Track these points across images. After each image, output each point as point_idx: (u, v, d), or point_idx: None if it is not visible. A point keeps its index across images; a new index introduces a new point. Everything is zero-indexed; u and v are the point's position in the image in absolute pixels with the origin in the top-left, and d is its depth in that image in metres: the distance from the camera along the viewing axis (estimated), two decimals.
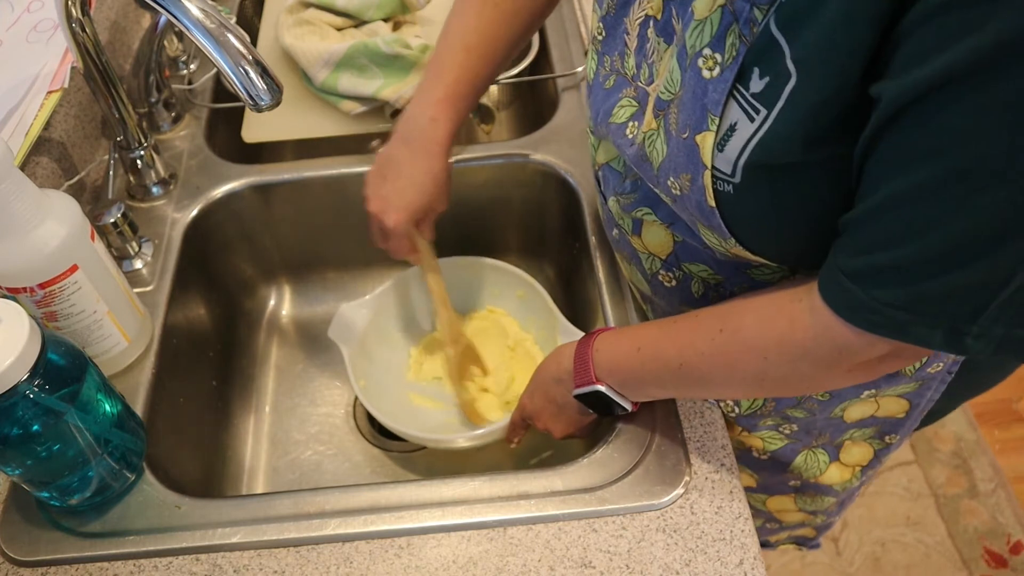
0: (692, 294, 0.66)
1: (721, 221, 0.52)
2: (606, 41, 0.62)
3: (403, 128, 0.76)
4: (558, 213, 0.93)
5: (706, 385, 0.60)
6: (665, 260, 0.65)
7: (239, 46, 0.60)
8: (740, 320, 0.55)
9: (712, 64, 0.47)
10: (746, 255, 0.55)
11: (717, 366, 0.56)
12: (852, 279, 0.45)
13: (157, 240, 0.84)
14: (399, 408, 0.86)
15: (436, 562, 0.61)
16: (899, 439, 0.79)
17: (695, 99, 0.49)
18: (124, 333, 0.72)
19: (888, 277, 0.44)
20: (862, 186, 0.44)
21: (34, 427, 0.56)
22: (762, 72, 0.45)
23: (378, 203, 0.77)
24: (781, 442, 0.79)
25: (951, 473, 1.63)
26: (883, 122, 0.41)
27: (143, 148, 0.85)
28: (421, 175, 0.76)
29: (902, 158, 0.41)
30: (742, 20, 0.45)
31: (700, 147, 0.49)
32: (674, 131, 0.52)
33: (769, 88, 0.45)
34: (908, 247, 0.42)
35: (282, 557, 0.62)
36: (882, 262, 0.44)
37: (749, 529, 0.62)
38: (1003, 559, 1.52)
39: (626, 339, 0.64)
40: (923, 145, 0.40)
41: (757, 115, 0.46)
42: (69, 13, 0.71)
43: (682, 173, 0.52)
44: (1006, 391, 1.75)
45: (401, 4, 1.00)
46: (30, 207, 0.61)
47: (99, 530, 0.64)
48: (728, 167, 0.48)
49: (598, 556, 0.61)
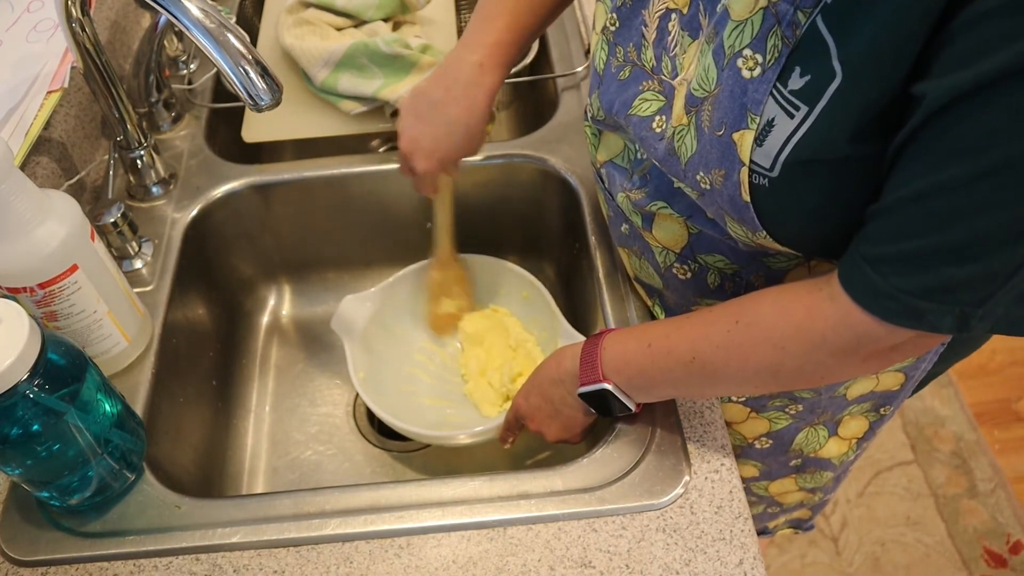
0: (708, 285, 0.66)
1: (754, 215, 0.52)
2: (619, 32, 0.62)
3: (446, 69, 0.75)
4: (558, 213, 0.93)
5: (718, 380, 0.59)
6: (680, 253, 0.66)
7: (239, 46, 0.60)
8: (756, 311, 0.55)
9: (753, 64, 0.48)
10: (773, 246, 0.56)
11: (732, 358, 0.56)
12: (874, 267, 0.47)
13: (157, 240, 0.84)
14: (398, 403, 0.86)
15: (436, 562, 0.61)
16: (892, 409, 0.81)
17: (733, 98, 0.50)
18: (124, 333, 0.72)
19: (909, 266, 0.45)
20: (893, 178, 0.46)
21: (34, 427, 0.56)
22: (803, 71, 0.46)
23: (408, 144, 0.76)
24: (786, 421, 0.80)
25: (951, 473, 1.63)
26: (924, 119, 0.42)
27: (143, 148, 0.85)
28: (457, 123, 0.74)
29: (937, 154, 0.42)
30: (785, 22, 0.46)
31: (738, 144, 0.50)
32: (707, 128, 0.53)
33: (809, 86, 0.45)
34: (931, 238, 0.44)
35: (282, 557, 0.62)
36: (904, 251, 0.45)
37: (749, 529, 0.62)
38: (1003, 559, 1.52)
39: (635, 336, 0.63)
40: (959, 143, 0.41)
41: (797, 112, 0.46)
42: (69, 13, 0.71)
43: (714, 168, 0.53)
44: (1006, 391, 1.75)
45: (401, 4, 1.00)
46: (30, 207, 0.61)
47: (99, 530, 0.64)
48: (767, 161, 0.49)
49: (598, 556, 0.61)
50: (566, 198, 0.91)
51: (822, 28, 0.44)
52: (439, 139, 0.75)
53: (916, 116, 0.42)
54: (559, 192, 0.91)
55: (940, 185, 0.43)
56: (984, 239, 0.43)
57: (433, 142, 0.75)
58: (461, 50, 0.74)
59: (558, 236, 0.95)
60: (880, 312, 0.48)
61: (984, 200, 0.42)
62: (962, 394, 1.73)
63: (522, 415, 0.73)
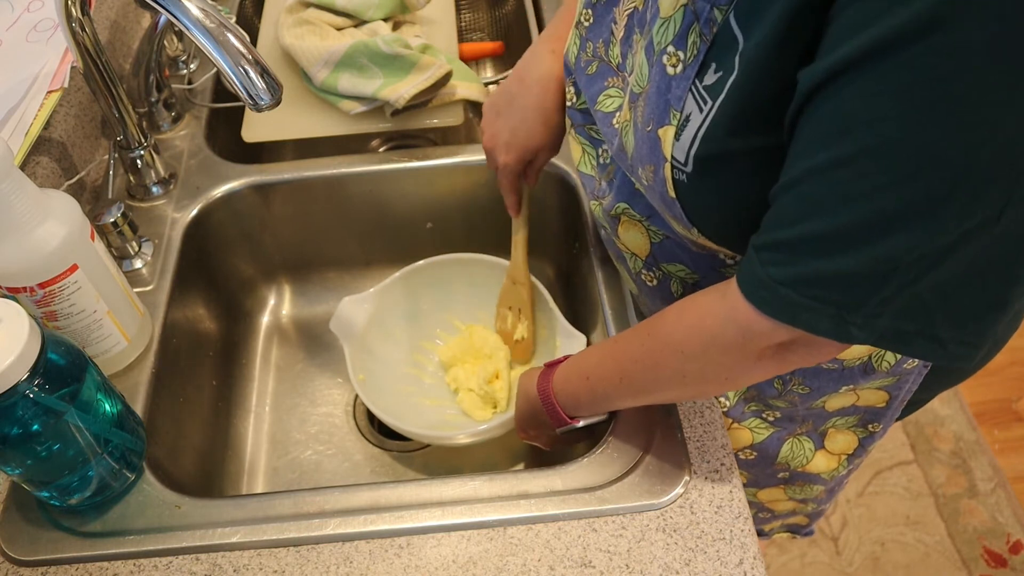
0: (672, 294, 0.67)
1: (682, 211, 0.53)
2: (592, 28, 0.63)
3: (523, 63, 0.75)
4: (558, 213, 0.93)
5: (641, 391, 0.61)
6: (645, 260, 0.67)
7: (239, 46, 0.60)
8: (662, 320, 0.57)
9: (675, 61, 0.49)
10: (712, 246, 0.56)
11: (647, 369, 0.58)
12: (757, 254, 0.46)
13: (157, 240, 0.84)
14: (398, 404, 0.86)
15: (436, 562, 0.61)
16: (882, 428, 0.80)
17: (659, 94, 0.51)
18: (124, 333, 0.72)
19: (782, 254, 0.45)
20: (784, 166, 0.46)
21: (34, 427, 0.56)
22: (717, 67, 0.47)
23: (489, 140, 0.77)
24: (767, 431, 0.80)
25: (951, 473, 1.63)
26: (798, 105, 0.42)
27: (143, 148, 0.85)
28: (532, 112, 0.74)
29: (807, 140, 0.43)
30: (703, 19, 0.47)
31: (662, 140, 0.51)
32: (640, 123, 0.54)
33: (719, 81, 0.47)
34: (800, 226, 0.44)
35: (282, 557, 0.62)
36: (779, 239, 0.45)
37: (749, 529, 0.62)
38: (1003, 559, 1.52)
39: (575, 372, 0.66)
40: (821, 127, 0.41)
41: (705, 106, 0.48)
42: (69, 13, 0.71)
43: (647, 164, 0.54)
44: (1006, 391, 1.75)
45: (401, 4, 1.00)
46: (30, 207, 0.61)
47: (99, 530, 0.64)
48: (682, 156, 0.50)
49: (598, 556, 0.61)
50: (566, 198, 0.91)
51: (734, 25, 0.45)
52: (516, 130, 0.75)
53: (793, 103, 0.43)
54: (559, 192, 0.91)
55: (808, 170, 0.42)
56: (847, 232, 0.42)
57: (511, 134, 0.75)
58: (537, 44, 0.75)
59: (558, 236, 0.95)
60: (757, 302, 0.47)
61: (845, 189, 0.41)
62: (962, 394, 1.73)
63: (520, 428, 0.75)
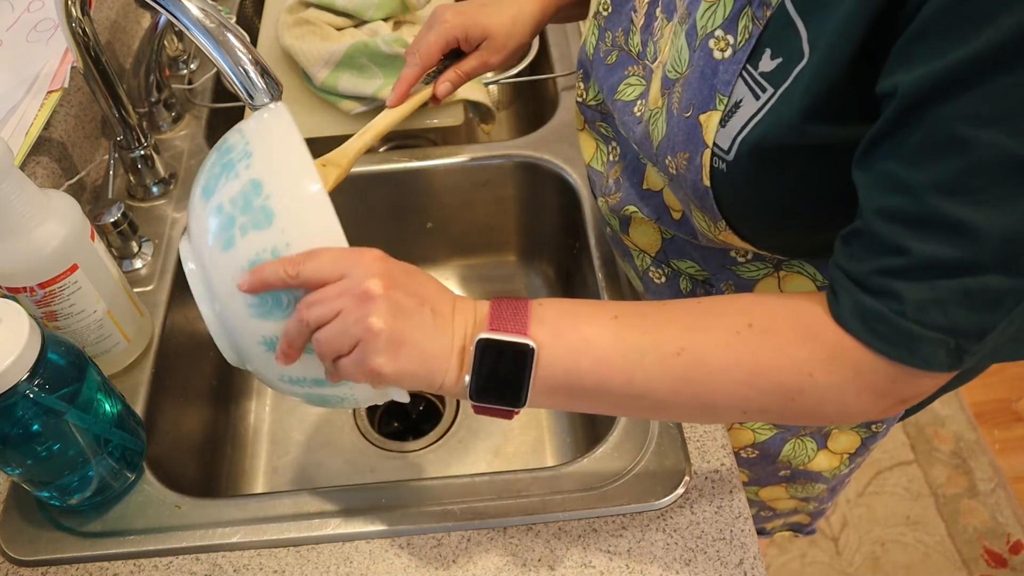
0: (681, 291, 0.67)
1: (714, 202, 0.52)
2: (611, 17, 0.62)
3: None
4: (558, 213, 0.93)
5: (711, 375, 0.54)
6: (655, 257, 0.66)
7: (239, 46, 0.60)
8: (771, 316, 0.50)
9: (724, 45, 0.48)
10: (734, 241, 0.55)
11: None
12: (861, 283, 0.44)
13: (157, 240, 0.84)
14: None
15: (436, 561, 0.61)
16: (885, 427, 0.80)
17: (703, 79, 0.50)
18: (124, 333, 0.72)
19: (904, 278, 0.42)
20: (867, 180, 0.43)
21: (34, 427, 0.56)
22: (774, 53, 0.46)
23: (442, 9, 0.73)
24: (770, 431, 0.79)
25: (951, 473, 1.63)
26: (898, 113, 0.40)
27: (143, 148, 0.85)
28: (508, 3, 0.72)
29: (917, 152, 0.40)
30: (756, 3, 0.46)
31: (704, 126, 0.50)
32: (676, 110, 0.53)
33: (780, 68, 0.45)
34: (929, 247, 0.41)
35: (282, 557, 0.62)
36: (891, 266, 0.43)
37: (749, 529, 0.62)
38: (1003, 559, 1.52)
39: (597, 307, 0.51)
40: (938, 140, 0.39)
41: (763, 93, 0.46)
42: (69, 13, 0.71)
43: (680, 152, 0.53)
44: (1006, 391, 1.75)
45: (401, 4, 1.00)
46: (30, 207, 0.61)
47: (99, 530, 0.64)
48: (726, 143, 0.49)
49: (598, 556, 0.61)
50: (566, 198, 0.91)
51: (791, 10, 0.44)
52: (484, 9, 0.72)
53: (889, 110, 0.40)
54: (559, 192, 0.91)
55: (931, 187, 0.40)
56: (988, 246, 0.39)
57: (470, 6, 0.72)
58: None
59: (558, 236, 0.95)
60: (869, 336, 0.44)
61: (977, 199, 0.39)
62: (962, 394, 1.73)
63: (356, 294, 0.49)
